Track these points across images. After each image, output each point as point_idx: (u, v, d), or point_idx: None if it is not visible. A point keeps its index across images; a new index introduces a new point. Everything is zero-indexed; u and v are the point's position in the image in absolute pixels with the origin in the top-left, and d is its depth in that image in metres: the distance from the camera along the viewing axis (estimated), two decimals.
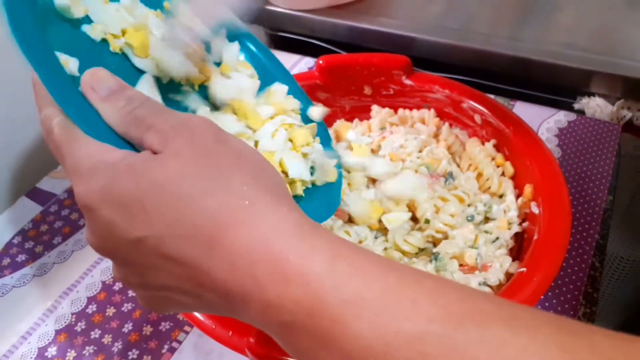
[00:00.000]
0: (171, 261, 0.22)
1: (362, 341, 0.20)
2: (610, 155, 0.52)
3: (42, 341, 0.43)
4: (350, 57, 0.50)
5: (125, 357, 0.41)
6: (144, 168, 0.22)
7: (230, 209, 0.21)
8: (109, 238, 0.23)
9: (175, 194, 0.21)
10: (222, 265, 0.21)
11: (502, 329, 0.19)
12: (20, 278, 0.47)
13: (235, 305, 0.21)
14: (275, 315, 0.21)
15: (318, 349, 0.20)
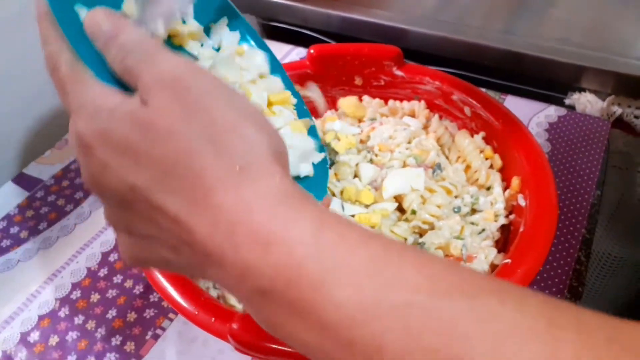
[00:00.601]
0: (158, 211, 0.21)
1: (342, 311, 0.19)
2: (600, 150, 0.52)
3: (24, 326, 0.42)
4: (342, 46, 0.50)
5: (108, 343, 0.41)
6: (136, 119, 0.22)
7: (219, 171, 0.21)
8: (102, 179, 0.23)
9: (164, 151, 0.21)
10: (204, 224, 0.21)
11: (492, 302, 0.19)
12: (5, 263, 0.47)
13: (213, 266, 0.21)
14: (252, 281, 0.20)
15: (293, 319, 0.20)
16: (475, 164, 0.42)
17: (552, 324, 0.18)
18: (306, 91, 0.49)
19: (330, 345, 0.19)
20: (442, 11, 0.69)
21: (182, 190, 0.21)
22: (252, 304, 0.21)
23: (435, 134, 0.45)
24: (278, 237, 0.20)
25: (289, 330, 0.20)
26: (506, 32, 0.64)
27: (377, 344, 0.18)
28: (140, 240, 0.23)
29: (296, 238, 0.20)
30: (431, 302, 0.18)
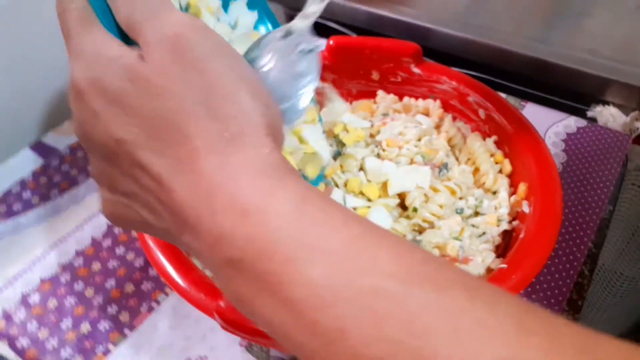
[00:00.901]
0: (141, 169, 0.21)
1: (310, 289, 0.19)
2: (617, 165, 0.51)
3: (26, 287, 0.43)
4: (361, 39, 0.50)
5: (104, 311, 0.42)
6: (132, 73, 0.21)
7: (208, 136, 0.21)
8: (91, 129, 0.22)
9: (156, 109, 0.21)
10: (184, 187, 0.20)
11: (461, 298, 0.18)
12: (15, 225, 0.48)
13: (188, 232, 0.21)
14: (224, 250, 0.20)
15: (260, 294, 0.19)
16: (484, 167, 0.42)
17: (521, 327, 0.17)
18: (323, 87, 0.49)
19: (293, 323, 0.19)
20: (471, 14, 0.68)
21: (168, 150, 0.21)
22: (222, 274, 0.21)
23: (447, 134, 0.45)
24: (256, 207, 0.20)
25: (255, 305, 0.20)
26: (533, 39, 0.63)
27: (340, 327, 0.18)
28: (122, 198, 0.23)
29: (275, 210, 0.20)
30: (400, 290, 0.18)
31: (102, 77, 0.22)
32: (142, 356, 0.39)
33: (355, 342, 0.18)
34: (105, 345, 0.40)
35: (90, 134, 0.23)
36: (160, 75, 0.21)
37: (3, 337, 0.40)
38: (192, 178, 0.20)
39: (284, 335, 0.20)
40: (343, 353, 0.18)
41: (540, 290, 0.41)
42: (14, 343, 0.40)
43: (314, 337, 0.18)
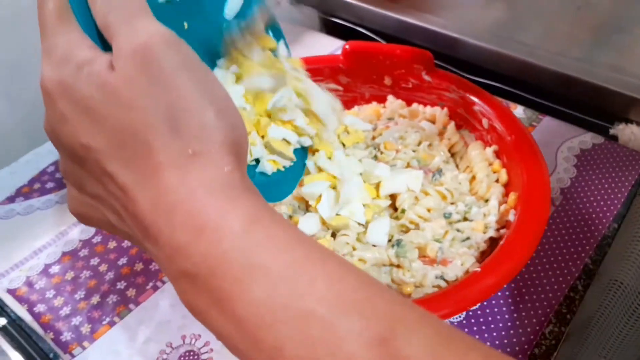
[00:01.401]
0: (107, 176, 0.22)
1: (254, 309, 0.20)
2: (628, 184, 0.50)
3: (49, 259, 0.48)
4: (375, 45, 0.52)
5: (114, 285, 0.45)
6: (101, 82, 0.21)
7: (171, 152, 0.21)
8: (59, 132, 0.22)
9: (122, 120, 0.21)
10: (147, 199, 0.21)
11: (383, 328, 0.19)
12: (45, 202, 0.53)
13: (149, 241, 0.21)
14: (180, 263, 0.21)
15: (212, 308, 0.20)
16: (479, 175, 0.43)
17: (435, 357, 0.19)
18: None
19: (239, 339, 0.20)
20: (498, 26, 0.68)
21: (133, 162, 0.21)
22: (178, 285, 0.22)
23: (449, 141, 0.46)
24: (211, 225, 0.20)
25: (207, 317, 0.21)
26: (557, 54, 0.62)
27: (279, 347, 0.19)
28: (88, 199, 0.24)
29: (227, 229, 0.20)
30: (330, 316, 0.19)
31: (70, 81, 0.22)
32: (143, 329, 0.42)
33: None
34: (112, 317, 0.43)
35: (59, 134, 0.23)
36: (127, 87, 0.21)
37: (24, 301, 0.45)
38: (154, 192, 0.21)
39: (233, 347, 0.21)
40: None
41: (530, 300, 0.42)
42: (32, 308, 0.44)
43: (258, 352, 0.20)
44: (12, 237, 0.49)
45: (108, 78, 0.21)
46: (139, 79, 0.21)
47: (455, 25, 0.68)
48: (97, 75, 0.22)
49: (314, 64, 0.51)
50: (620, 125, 0.59)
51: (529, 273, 0.43)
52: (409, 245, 0.37)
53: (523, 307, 0.41)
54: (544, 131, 0.56)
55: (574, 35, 0.67)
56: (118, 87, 0.21)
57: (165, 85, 0.21)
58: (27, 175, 0.55)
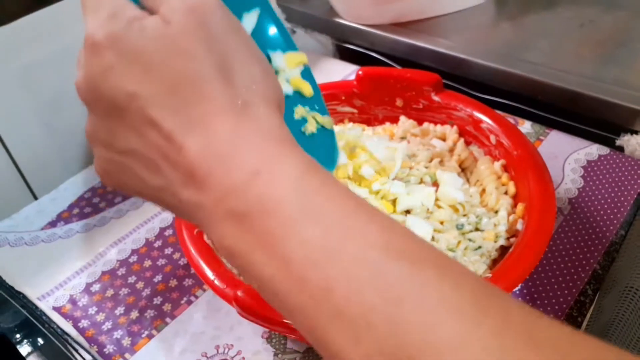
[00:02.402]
0: (150, 125, 0.22)
1: (305, 249, 0.20)
2: (634, 192, 0.53)
3: (90, 278, 0.51)
4: (387, 70, 0.55)
5: (150, 301, 0.48)
6: (158, 32, 0.22)
7: (223, 101, 0.22)
8: (101, 82, 0.23)
9: (177, 68, 0.22)
10: (197, 145, 0.22)
11: (432, 274, 0.20)
12: (84, 226, 0.57)
13: (191, 186, 0.22)
14: (231, 203, 0.21)
15: (257, 249, 0.21)
16: (488, 188, 0.45)
17: (478, 307, 0.19)
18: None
19: (284, 278, 0.21)
20: (503, 45, 0.71)
21: (183, 109, 0.22)
22: (221, 227, 0.22)
23: (459, 157, 0.49)
24: (266, 169, 0.21)
25: (250, 258, 0.21)
26: (563, 71, 0.65)
27: (327, 286, 0.20)
28: (117, 156, 0.24)
29: (282, 175, 0.21)
30: (380, 260, 0.20)
31: (122, 33, 0.22)
32: (179, 340, 0.45)
33: (337, 301, 0.20)
34: (150, 330, 0.46)
35: (99, 85, 0.23)
36: (185, 37, 0.22)
37: (69, 318, 0.48)
38: (206, 137, 0.22)
39: (273, 290, 0.21)
40: (325, 309, 0.20)
41: (541, 305, 0.44)
42: (77, 323, 0.48)
43: (301, 292, 0.20)
44: (55, 259, 0.53)
45: (165, 30, 0.22)
46: (196, 32, 0.22)
47: (462, 47, 0.72)
48: (153, 28, 0.22)
49: (330, 90, 0.55)
50: (626, 137, 0.62)
51: (540, 279, 0.45)
52: None
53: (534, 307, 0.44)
54: (551, 144, 0.59)
55: (578, 52, 0.70)
56: (176, 38, 0.22)
57: (220, 40, 0.23)
58: (67, 202, 0.59)
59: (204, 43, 0.22)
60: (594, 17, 0.75)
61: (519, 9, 0.79)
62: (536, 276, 0.45)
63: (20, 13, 0.55)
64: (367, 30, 0.77)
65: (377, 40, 0.78)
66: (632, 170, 0.55)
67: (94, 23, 0.23)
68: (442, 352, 0.18)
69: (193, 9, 0.23)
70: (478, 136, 0.50)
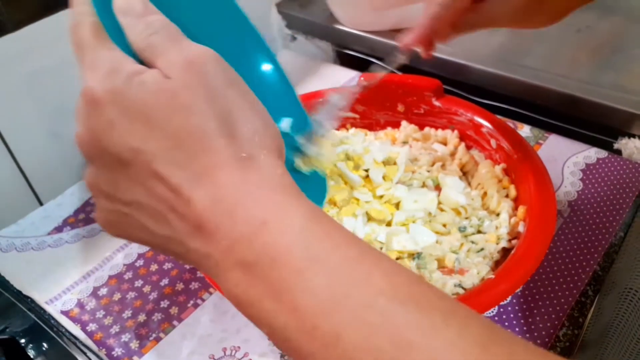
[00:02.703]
0: (156, 179, 0.22)
1: (314, 297, 0.21)
2: (632, 195, 0.54)
3: (97, 282, 0.52)
4: (388, 76, 0.56)
5: (157, 304, 0.49)
6: (159, 87, 0.22)
7: (228, 154, 0.22)
8: (103, 137, 0.23)
9: (180, 124, 0.22)
10: (204, 198, 0.22)
11: (438, 319, 0.20)
12: (90, 230, 0.57)
13: (200, 238, 0.22)
14: (240, 253, 0.22)
15: (267, 297, 0.21)
16: (490, 191, 0.46)
17: (484, 350, 0.20)
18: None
19: (295, 327, 0.21)
20: (504, 51, 0.73)
21: (189, 164, 0.22)
22: (231, 276, 0.22)
23: (460, 161, 0.50)
24: (273, 219, 0.22)
25: (260, 307, 0.22)
26: (561, 75, 0.66)
27: (337, 333, 0.20)
28: (120, 206, 0.24)
29: (289, 224, 0.22)
30: (388, 307, 0.20)
31: (122, 88, 0.23)
32: (187, 343, 0.46)
33: (348, 347, 0.20)
34: (157, 333, 0.47)
35: (102, 141, 0.23)
36: (186, 92, 0.22)
37: (77, 321, 0.49)
38: (213, 190, 0.22)
39: (283, 337, 0.22)
40: (337, 355, 0.20)
41: (542, 305, 0.45)
42: (85, 327, 0.48)
43: (312, 340, 0.21)
44: (62, 264, 0.54)
45: (165, 85, 0.23)
46: (196, 87, 0.23)
47: (462, 53, 0.73)
48: (153, 83, 0.23)
49: None
50: (624, 140, 0.63)
51: (542, 280, 0.46)
52: (429, 257, 0.40)
53: (537, 312, 0.44)
54: (550, 148, 0.60)
55: (575, 57, 0.71)
56: (177, 93, 0.23)
57: (220, 94, 0.23)
58: (72, 207, 0.60)
59: (205, 97, 0.23)
60: (590, 22, 0.76)
61: None
62: (537, 278, 0.46)
63: (26, 21, 0.55)
64: (367, 37, 0.78)
65: (377, 46, 0.79)
66: (630, 172, 0.56)
67: (93, 79, 0.23)
68: None
69: (192, 63, 0.23)
70: (479, 140, 0.51)
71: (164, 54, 0.24)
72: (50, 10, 0.57)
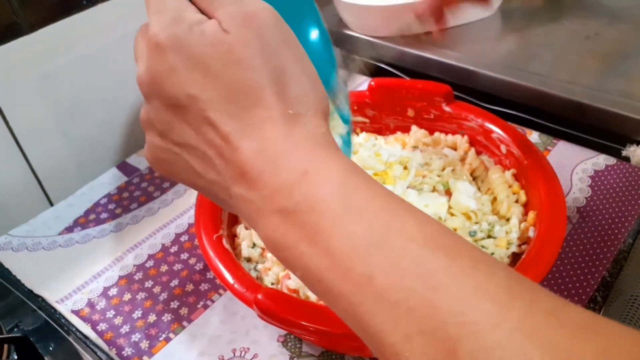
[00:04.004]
0: (209, 125, 0.24)
1: (350, 241, 0.22)
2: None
3: (107, 282, 0.52)
4: (398, 81, 0.56)
5: (167, 305, 0.49)
6: (217, 40, 0.24)
7: (276, 110, 0.24)
8: (163, 81, 0.24)
9: (235, 77, 0.24)
10: (250, 148, 0.23)
11: (466, 264, 0.21)
12: (101, 231, 0.58)
13: (243, 184, 0.24)
14: (280, 200, 0.23)
15: (303, 242, 0.23)
16: (500, 196, 0.46)
17: (510, 293, 0.21)
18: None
19: (328, 268, 0.22)
20: (511, 57, 0.73)
21: (239, 115, 0.24)
22: (270, 221, 0.24)
23: (470, 166, 0.50)
24: (314, 170, 0.23)
25: (295, 250, 0.23)
26: (568, 82, 0.67)
27: (370, 274, 0.21)
28: (171, 146, 0.25)
29: (328, 176, 0.23)
30: (420, 252, 0.21)
31: (184, 36, 0.24)
32: (196, 344, 0.46)
33: (380, 287, 0.21)
34: (167, 333, 0.47)
35: (161, 84, 0.24)
36: (243, 46, 0.24)
37: (87, 321, 0.49)
38: (260, 141, 0.24)
39: (317, 279, 0.23)
40: (367, 294, 0.22)
41: None
42: (95, 326, 0.49)
43: (345, 281, 0.22)
44: (73, 264, 0.54)
45: (224, 38, 0.24)
46: (253, 43, 0.24)
47: (470, 59, 0.73)
48: (213, 35, 0.24)
49: None
50: (632, 147, 0.63)
51: (550, 286, 0.46)
52: None
53: None
54: (559, 154, 0.60)
55: (583, 63, 0.71)
56: (234, 47, 0.24)
57: (275, 53, 0.25)
58: (83, 207, 0.61)
59: (260, 54, 0.24)
60: (599, 29, 0.76)
61: (525, 22, 0.81)
62: (546, 283, 0.46)
63: (41, 23, 0.56)
64: (376, 42, 0.79)
65: (385, 52, 0.79)
66: (638, 180, 0.56)
67: (158, 24, 0.24)
68: (479, 330, 0.20)
69: (250, 20, 0.24)
70: (489, 146, 0.52)
71: (222, 6, 0.25)
72: (66, 12, 0.57)
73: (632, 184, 0.56)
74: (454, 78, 0.73)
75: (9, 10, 0.53)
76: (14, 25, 0.54)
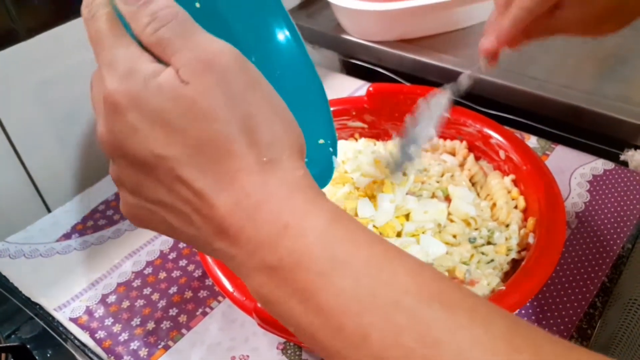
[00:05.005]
0: (181, 183, 0.23)
1: (340, 299, 0.21)
2: (639, 206, 0.54)
3: (106, 289, 0.52)
4: (396, 87, 0.56)
5: (166, 312, 0.49)
6: (177, 94, 0.22)
7: (249, 159, 0.23)
8: (125, 142, 0.23)
9: (201, 130, 0.22)
10: (227, 202, 0.22)
11: (463, 317, 0.21)
12: (98, 238, 0.57)
13: (224, 240, 0.23)
14: (263, 257, 0.22)
15: (292, 299, 0.22)
16: (499, 202, 0.46)
17: (510, 345, 0.20)
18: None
19: (321, 327, 0.21)
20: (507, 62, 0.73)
21: (211, 169, 0.22)
22: (256, 278, 0.23)
23: (469, 172, 0.50)
24: (295, 222, 0.22)
25: (285, 308, 0.22)
26: (566, 87, 0.67)
27: (364, 334, 0.21)
28: (145, 203, 0.24)
29: (311, 226, 0.22)
30: (415, 305, 0.21)
31: (140, 92, 0.22)
32: (196, 351, 0.46)
33: (376, 346, 0.20)
34: (166, 341, 0.47)
35: (124, 146, 0.23)
36: (205, 98, 0.22)
37: (85, 329, 0.49)
38: (236, 195, 0.22)
39: (311, 336, 0.22)
40: (365, 355, 0.21)
41: (551, 317, 0.45)
42: (93, 334, 0.48)
43: (339, 340, 0.21)
44: (71, 271, 0.54)
45: (183, 91, 0.22)
46: (215, 92, 0.22)
47: (467, 63, 0.73)
48: (171, 89, 0.22)
49: (341, 105, 0.56)
50: (630, 152, 0.63)
51: (550, 292, 0.46)
52: (440, 268, 0.40)
53: (546, 323, 0.45)
54: (557, 159, 0.60)
55: (581, 68, 0.71)
56: (196, 100, 0.22)
57: (240, 99, 0.23)
58: (81, 214, 0.60)
59: (224, 104, 0.22)
60: None
61: None
62: (546, 289, 0.46)
63: (38, 29, 0.56)
64: (374, 47, 0.79)
65: (383, 56, 0.79)
66: (637, 184, 0.56)
67: (111, 78, 0.23)
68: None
69: (210, 66, 0.22)
70: (487, 151, 0.52)
71: (178, 53, 0.23)
72: (63, 19, 0.57)
73: (631, 189, 0.56)
74: (450, 82, 0.73)
75: (6, 16, 0.53)
76: (11, 32, 0.54)
